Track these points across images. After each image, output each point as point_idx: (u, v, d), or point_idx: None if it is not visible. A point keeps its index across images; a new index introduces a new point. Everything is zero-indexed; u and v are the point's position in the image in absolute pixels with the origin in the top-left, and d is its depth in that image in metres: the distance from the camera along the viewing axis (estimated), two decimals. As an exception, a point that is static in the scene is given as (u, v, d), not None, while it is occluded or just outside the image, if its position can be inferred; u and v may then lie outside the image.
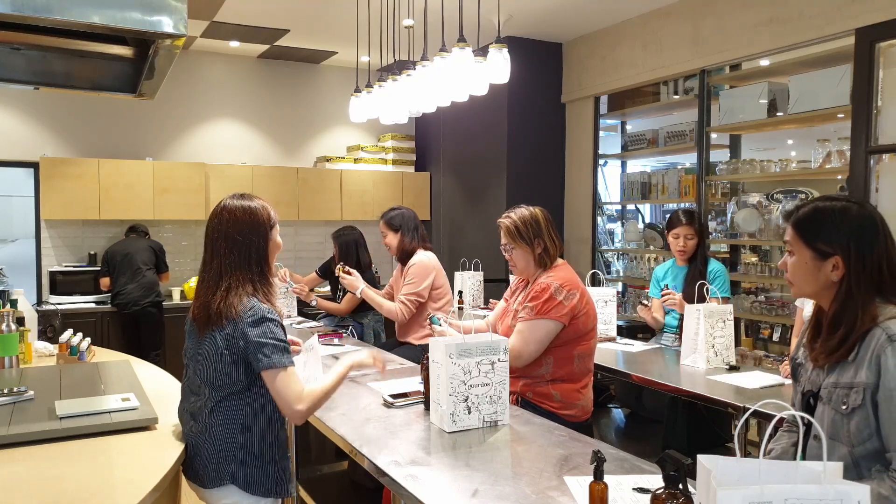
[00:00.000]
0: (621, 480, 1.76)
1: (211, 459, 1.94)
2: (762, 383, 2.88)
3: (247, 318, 1.92)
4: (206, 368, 1.96)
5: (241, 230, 2.01)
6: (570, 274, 2.71)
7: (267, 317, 1.94)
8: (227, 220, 2.02)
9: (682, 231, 3.71)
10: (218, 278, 1.98)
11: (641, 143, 5.84)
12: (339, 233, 4.65)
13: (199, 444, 1.97)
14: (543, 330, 2.58)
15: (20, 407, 2.23)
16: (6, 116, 6.09)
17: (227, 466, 1.93)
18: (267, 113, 7.14)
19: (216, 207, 2.08)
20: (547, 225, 2.74)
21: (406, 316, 3.80)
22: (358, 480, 3.36)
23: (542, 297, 2.60)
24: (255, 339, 1.90)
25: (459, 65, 3.29)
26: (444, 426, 2.20)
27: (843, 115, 4.22)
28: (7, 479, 1.75)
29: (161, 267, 5.89)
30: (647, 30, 5.46)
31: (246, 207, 2.04)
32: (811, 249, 1.65)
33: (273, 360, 1.90)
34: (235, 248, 2.00)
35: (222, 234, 2.01)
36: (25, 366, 3.03)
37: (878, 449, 1.54)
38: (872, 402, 1.53)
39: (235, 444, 1.94)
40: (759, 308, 4.71)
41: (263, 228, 2.05)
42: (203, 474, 1.96)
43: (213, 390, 1.96)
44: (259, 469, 1.96)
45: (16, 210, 6.45)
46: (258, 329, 1.91)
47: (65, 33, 2.08)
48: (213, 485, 1.95)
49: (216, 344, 1.93)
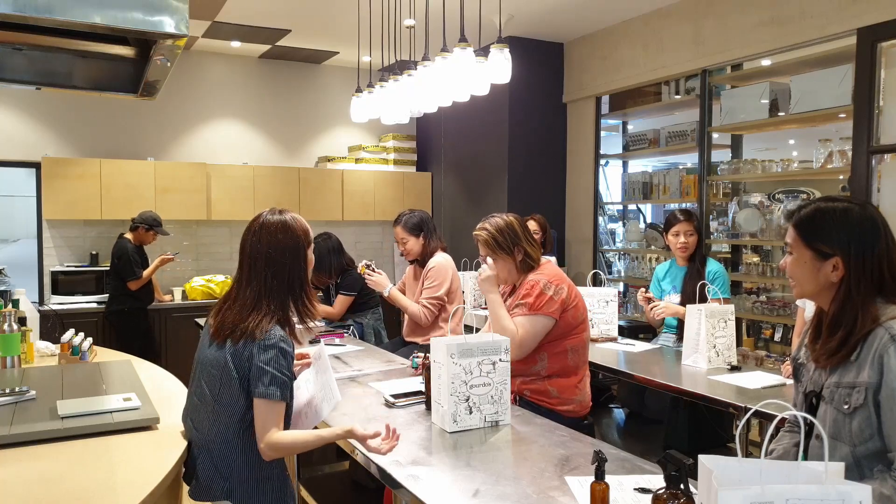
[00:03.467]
0: (622, 480, 1.76)
1: (207, 473, 1.93)
2: (764, 383, 2.87)
3: (260, 341, 1.90)
4: (211, 379, 1.95)
5: (282, 251, 1.98)
6: (555, 270, 2.75)
7: (279, 345, 1.91)
8: (266, 241, 1.98)
9: (681, 228, 3.72)
10: (256, 299, 1.96)
11: (643, 143, 5.83)
12: (316, 239, 4.53)
13: (197, 455, 1.96)
14: (539, 325, 2.61)
15: (22, 407, 2.24)
16: (8, 116, 6.09)
17: (223, 483, 1.92)
18: (268, 113, 7.14)
19: (254, 223, 2.04)
20: (523, 231, 2.76)
21: (429, 319, 3.80)
22: (359, 480, 3.36)
23: (533, 293, 2.63)
24: (260, 363, 1.88)
25: (461, 65, 3.29)
26: (446, 426, 2.20)
27: (844, 115, 4.22)
28: (8, 478, 1.75)
29: (121, 272, 5.32)
30: (649, 30, 5.46)
31: (286, 227, 2.01)
32: (811, 249, 1.65)
33: (269, 390, 1.87)
34: (277, 272, 1.97)
35: (262, 255, 1.98)
36: (27, 365, 3.04)
37: (880, 449, 1.53)
38: (874, 402, 1.53)
39: (232, 462, 1.93)
40: (760, 308, 4.71)
41: (303, 251, 2.02)
42: (198, 487, 1.95)
43: (215, 403, 1.94)
44: (255, 491, 1.94)
45: (18, 210, 6.46)
46: (266, 355, 1.89)
47: (66, 33, 2.08)
48: (206, 498, 1.93)
49: (225, 356, 1.92)
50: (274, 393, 1.87)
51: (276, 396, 1.87)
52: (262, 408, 1.88)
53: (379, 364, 3.27)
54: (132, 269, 5.28)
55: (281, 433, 1.89)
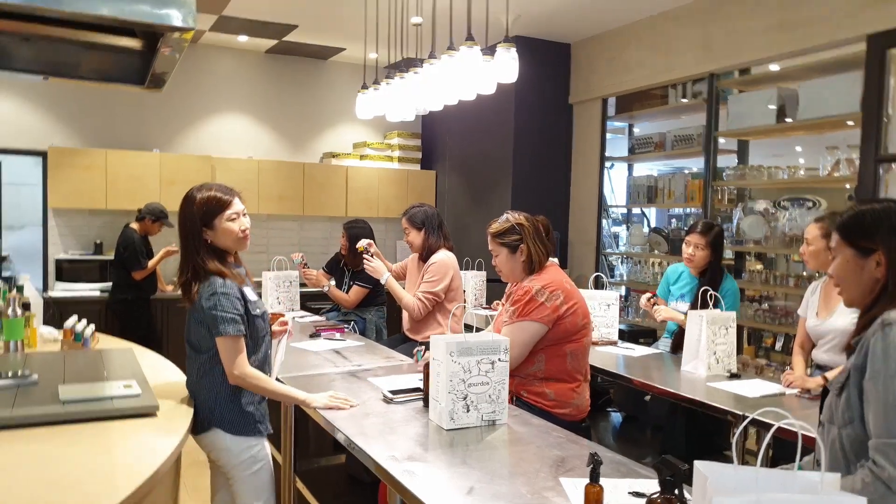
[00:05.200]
0: (617, 484, 1.76)
1: (200, 409, 2.30)
2: (763, 392, 2.86)
3: (204, 295, 2.24)
4: (193, 334, 2.32)
5: (184, 221, 2.32)
6: (556, 276, 2.71)
7: (217, 291, 2.24)
8: (179, 214, 2.35)
9: (692, 239, 3.60)
10: (184, 263, 2.32)
11: (648, 147, 5.82)
12: (350, 224, 4.67)
13: (194, 398, 2.34)
14: (527, 332, 2.59)
15: (24, 390, 2.27)
16: (15, 106, 6.11)
17: (211, 414, 2.28)
18: (274, 108, 7.15)
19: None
20: (532, 231, 2.75)
21: (422, 312, 3.82)
22: (355, 474, 3.37)
23: (524, 299, 2.62)
24: (208, 312, 2.23)
25: (467, 63, 3.29)
26: (443, 423, 2.20)
27: (852, 123, 4.19)
28: (10, 459, 1.78)
29: (126, 262, 5.33)
30: (657, 32, 5.45)
31: (187, 199, 2.34)
32: (852, 247, 1.68)
33: (220, 329, 2.21)
34: (184, 238, 2.33)
35: (179, 224, 2.34)
36: (30, 350, 3.07)
37: (861, 438, 1.55)
38: (857, 386, 1.57)
39: (216, 394, 2.28)
40: (762, 316, 4.69)
41: (196, 221, 2.31)
42: (195, 422, 2.27)
43: (196, 353, 2.32)
44: (238, 413, 2.30)
45: (24, 198, 6.48)
46: (209, 302, 2.23)
47: (74, 24, 2.08)
48: (201, 430, 2.29)
49: (195, 315, 2.30)
50: (225, 330, 2.21)
51: (229, 332, 2.22)
52: (220, 346, 2.24)
53: (379, 360, 3.28)
54: (137, 259, 5.30)
55: (248, 367, 2.27)
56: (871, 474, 1.48)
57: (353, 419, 2.31)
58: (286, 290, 4.64)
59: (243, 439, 2.30)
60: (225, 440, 2.28)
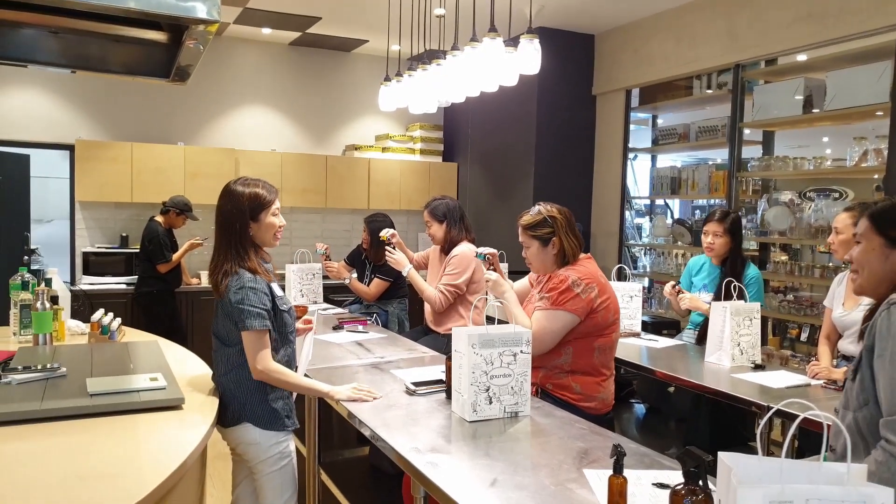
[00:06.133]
0: (641, 475, 1.75)
1: (230, 403, 2.30)
2: (787, 383, 2.84)
3: (232, 288, 2.25)
4: (221, 327, 2.34)
5: (226, 214, 2.32)
6: (591, 269, 2.69)
7: (246, 286, 2.25)
8: (219, 206, 2.36)
9: (710, 228, 3.63)
10: (218, 255, 2.33)
11: (672, 138, 5.77)
12: (371, 218, 4.70)
13: (222, 391, 2.34)
14: (559, 321, 2.57)
15: (53, 383, 2.29)
16: (44, 99, 6.21)
17: (242, 409, 2.29)
18: (297, 100, 7.19)
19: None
20: (565, 223, 2.71)
21: (444, 305, 3.83)
22: (378, 466, 3.39)
23: (560, 287, 2.59)
24: (236, 305, 2.23)
25: (490, 55, 3.27)
26: (465, 415, 2.21)
27: (881, 113, 4.12)
28: (39, 451, 1.80)
29: (151, 255, 5.39)
30: (681, 23, 5.39)
31: (229, 193, 2.34)
32: (883, 237, 1.70)
33: (247, 323, 2.22)
34: (224, 231, 2.33)
35: (218, 218, 2.35)
36: (58, 343, 3.11)
37: (878, 420, 1.55)
38: (869, 367, 1.58)
39: (245, 388, 2.30)
40: (787, 307, 4.64)
41: (244, 215, 2.31)
42: (223, 416, 2.29)
43: (224, 346, 2.33)
44: (266, 408, 2.31)
45: (51, 191, 6.59)
46: (237, 296, 2.24)
47: (101, 17, 2.11)
48: (231, 424, 2.30)
49: (219, 309, 2.34)
50: (251, 324, 2.22)
51: (255, 327, 2.22)
52: (245, 339, 2.25)
53: (401, 352, 3.29)
54: (162, 252, 5.36)
55: (272, 362, 2.27)
56: (883, 452, 1.47)
57: (376, 411, 2.32)
58: (309, 283, 4.68)
59: (272, 434, 2.31)
60: (254, 434, 2.29)
